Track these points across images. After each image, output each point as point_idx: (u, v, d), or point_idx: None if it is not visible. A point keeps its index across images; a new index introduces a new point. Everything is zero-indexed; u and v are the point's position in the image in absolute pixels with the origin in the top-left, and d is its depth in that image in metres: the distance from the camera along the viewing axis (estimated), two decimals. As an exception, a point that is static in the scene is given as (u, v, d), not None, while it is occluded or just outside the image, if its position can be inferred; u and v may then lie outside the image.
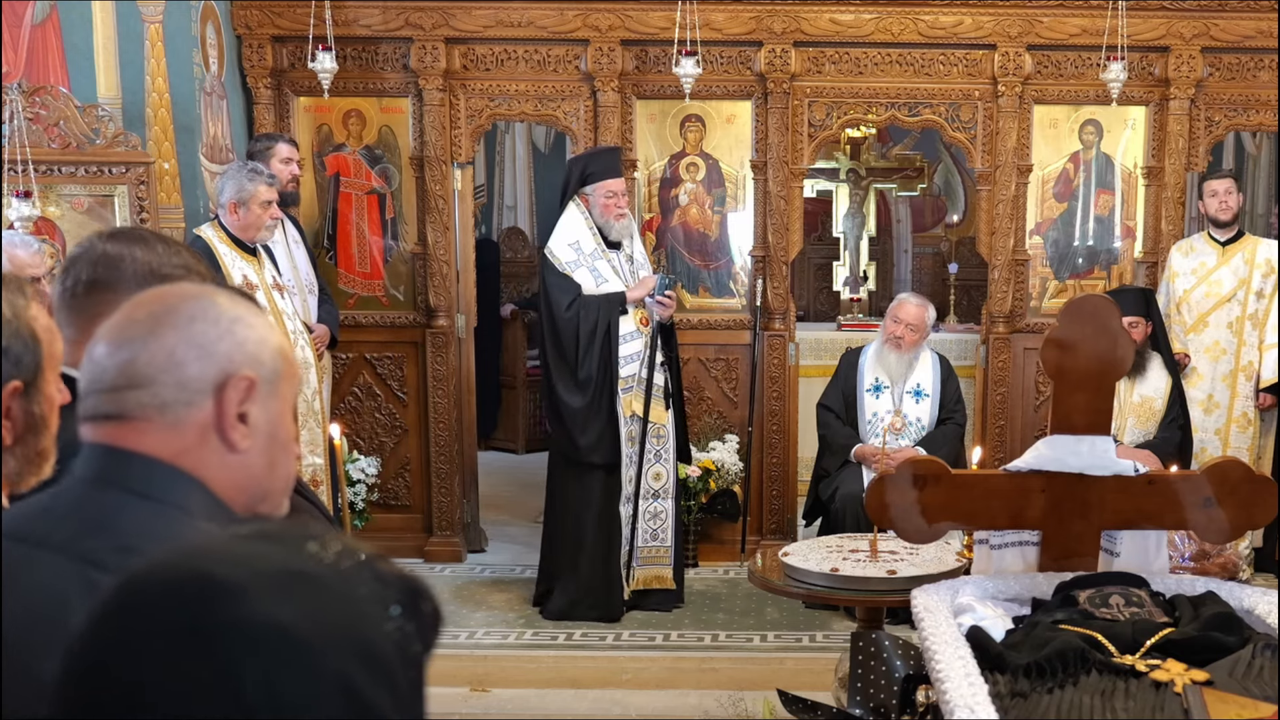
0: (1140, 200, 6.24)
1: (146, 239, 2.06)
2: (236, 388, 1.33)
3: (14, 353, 1.48)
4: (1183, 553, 3.76)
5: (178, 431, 1.31)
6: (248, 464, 1.35)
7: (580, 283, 5.30)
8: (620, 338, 5.28)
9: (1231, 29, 5.97)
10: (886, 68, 6.08)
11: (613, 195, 5.33)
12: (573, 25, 5.98)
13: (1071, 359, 2.99)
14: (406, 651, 0.96)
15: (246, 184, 4.73)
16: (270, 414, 1.37)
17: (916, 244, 10.14)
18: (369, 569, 0.98)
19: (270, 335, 1.39)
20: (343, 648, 0.91)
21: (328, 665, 0.90)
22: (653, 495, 5.41)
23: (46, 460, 1.55)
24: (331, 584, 0.95)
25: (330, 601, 0.94)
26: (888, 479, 3.02)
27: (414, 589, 1.00)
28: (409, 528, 6.29)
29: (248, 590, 0.90)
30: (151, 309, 1.35)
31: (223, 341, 1.33)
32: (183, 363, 1.31)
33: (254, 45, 5.99)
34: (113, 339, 1.34)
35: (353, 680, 0.90)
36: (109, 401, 1.32)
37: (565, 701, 4.63)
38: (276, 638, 0.89)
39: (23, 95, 4.60)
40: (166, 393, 1.31)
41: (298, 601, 0.91)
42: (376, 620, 0.95)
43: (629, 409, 5.30)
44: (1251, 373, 5.87)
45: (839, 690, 3.59)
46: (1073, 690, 2.35)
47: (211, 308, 1.35)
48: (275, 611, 0.90)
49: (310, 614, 0.91)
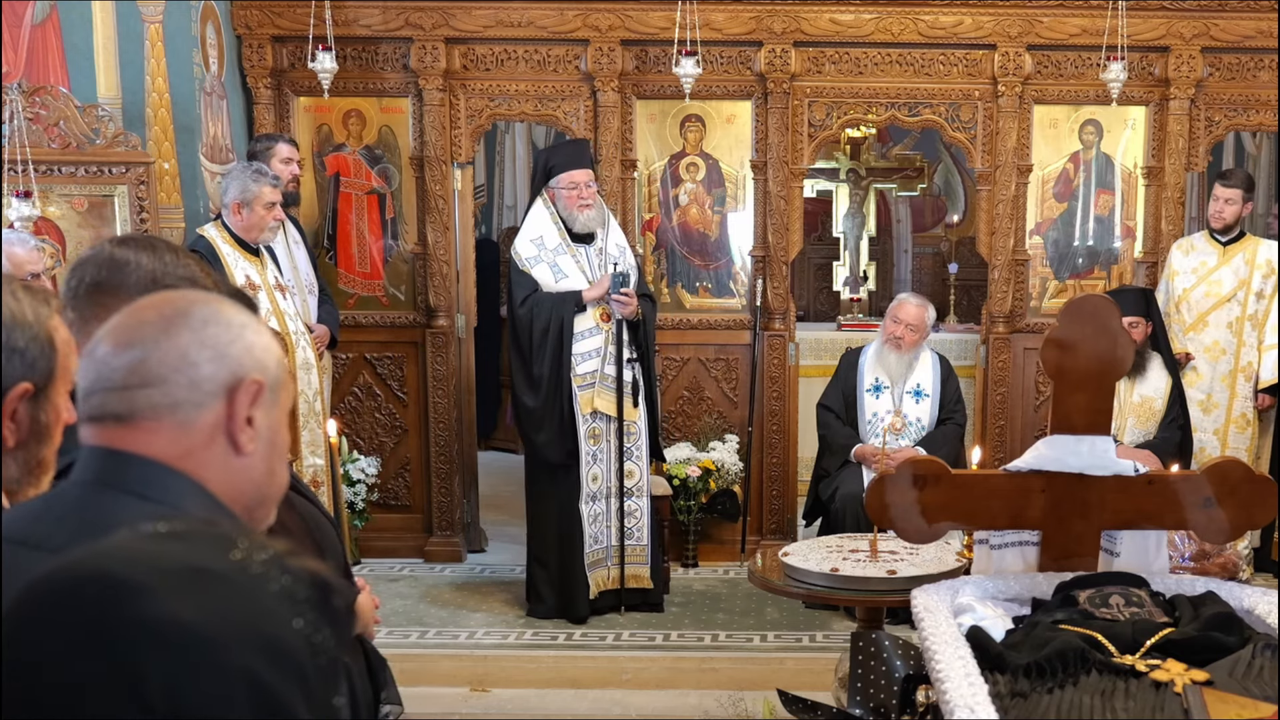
0: (1140, 200, 6.24)
1: (155, 246, 2.07)
2: (247, 390, 1.33)
3: (30, 355, 1.49)
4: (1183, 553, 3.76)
5: (186, 432, 1.31)
6: (250, 468, 1.36)
7: (539, 279, 5.25)
8: (578, 334, 5.23)
9: (1231, 29, 5.97)
10: (886, 68, 6.09)
11: (574, 186, 5.25)
12: (573, 25, 5.98)
13: (1071, 359, 2.99)
14: (317, 646, 0.96)
15: (251, 185, 4.74)
16: (272, 420, 1.38)
17: (916, 244, 10.14)
18: (277, 565, 0.99)
19: (274, 344, 1.40)
20: (248, 643, 0.91)
21: (232, 661, 0.90)
22: (625, 494, 5.37)
23: (46, 472, 1.55)
24: (237, 581, 0.95)
25: (235, 598, 0.94)
26: (888, 479, 3.02)
27: (324, 584, 1.00)
28: (409, 528, 6.29)
29: (149, 588, 0.91)
30: (162, 311, 1.35)
31: (234, 345, 1.34)
32: (196, 363, 1.31)
33: (254, 45, 5.99)
34: (119, 339, 1.33)
35: (259, 675, 0.91)
36: (117, 400, 1.31)
37: (565, 701, 4.63)
38: (178, 635, 0.89)
39: (23, 95, 4.60)
40: (179, 392, 1.31)
41: (201, 598, 0.92)
42: (284, 616, 0.95)
43: (589, 406, 5.24)
44: (1251, 373, 5.87)
45: (839, 690, 3.59)
46: (1073, 690, 2.35)
47: (221, 312, 1.36)
48: (177, 609, 0.90)
49: (214, 610, 0.91)
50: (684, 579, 5.94)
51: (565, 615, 5.33)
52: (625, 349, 5.25)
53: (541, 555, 5.42)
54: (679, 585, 5.81)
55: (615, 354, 5.25)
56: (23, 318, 1.49)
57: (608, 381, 5.25)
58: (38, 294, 1.54)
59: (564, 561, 5.33)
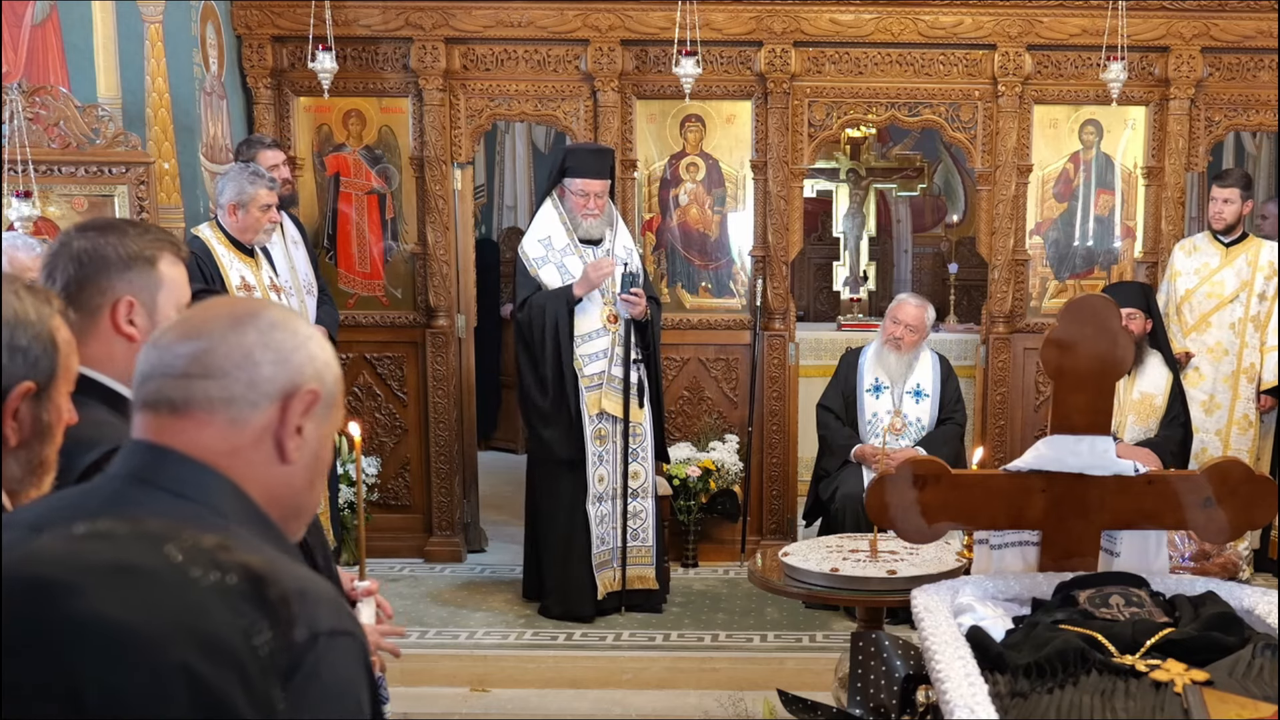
0: (1140, 200, 6.24)
1: (116, 225, 2.13)
2: (303, 399, 1.34)
3: (33, 354, 1.49)
4: (1183, 553, 3.76)
5: (236, 430, 1.32)
6: (291, 477, 1.36)
7: (546, 280, 5.25)
8: (585, 336, 5.23)
9: (1231, 29, 5.97)
10: (886, 68, 6.09)
11: (584, 196, 5.24)
12: (573, 25, 5.98)
13: (1071, 359, 2.99)
14: (253, 638, 0.96)
15: (247, 187, 4.74)
16: (320, 434, 1.38)
17: (916, 244, 10.14)
18: (208, 559, 0.98)
19: (335, 361, 1.41)
20: (180, 640, 0.91)
21: (166, 658, 0.89)
22: (630, 494, 5.37)
23: (48, 472, 1.56)
24: (166, 577, 0.95)
25: (166, 594, 0.93)
26: (888, 479, 3.02)
27: (257, 576, 1.00)
28: (409, 528, 6.29)
29: (78, 588, 0.90)
30: (233, 309, 1.37)
31: (298, 352, 1.35)
32: (259, 363, 1.32)
33: (254, 45, 5.99)
34: (186, 328, 1.35)
35: (195, 670, 0.90)
36: (174, 387, 1.31)
37: (565, 701, 4.63)
38: (110, 633, 0.89)
39: (23, 95, 4.60)
40: (236, 388, 1.31)
41: (130, 595, 0.91)
42: (217, 610, 0.95)
43: (595, 407, 5.25)
44: (1253, 374, 5.87)
45: (839, 690, 3.59)
46: (1073, 690, 2.35)
47: (290, 321, 1.37)
48: (106, 607, 0.90)
49: (144, 607, 0.91)
50: (684, 579, 5.94)
51: (570, 616, 5.33)
52: (632, 350, 5.26)
53: (544, 555, 5.42)
54: (679, 585, 5.81)
55: (622, 355, 5.26)
56: (25, 317, 1.50)
57: (614, 382, 5.27)
58: (40, 294, 1.55)
59: (567, 562, 5.33)
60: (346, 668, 1.07)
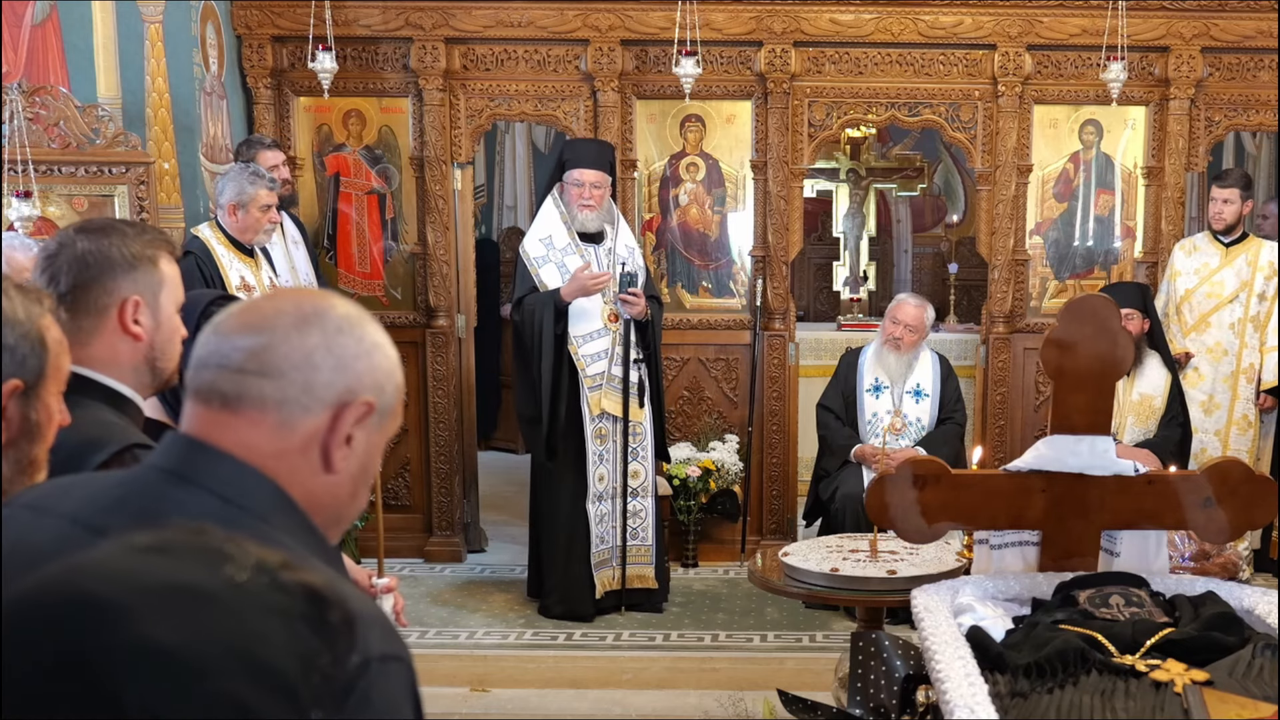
0: (1140, 200, 6.24)
1: (115, 226, 2.13)
2: (356, 410, 1.30)
3: (20, 352, 1.49)
4: (1183, 553, 3.76)
5: (285, 432, 1.28)
6: (336, 486, 1.32)
7: (546, 279, 5.26)
8: (586, 335, 5.23)
9: (1231, 29, 5.97)
10: (886, 68, 6.09)
11: (580, 185, 5.24)
12: (573, 25, 5.98)
13: (1071, 359, 2.99)
14: (312, 664, 0.92)
15: (247, 187, 4.73)
16: (371, 445, 1.35)
17: (916, 244, 10.14)
18: (271, 580, 0.94)
19: (399, 371, 1.37)
20: (230, 667, 0.87)
21: (212, 686, 0.86)
22: (630, 494, 5.37)
23: (39, 471, 1.55)
24: (223, 598, 0.91)
25: (221, 617, 0.90)
26: (888, 479, 3.02)
27: (320, 598, 0.96)
28: (409, 528, 6.29)
29: (127, 610, 0.87)
30: (300, 305, 1.32)
31: (360, 360, 1.31)
32: (318, 367, 1.28)
33: (254, 45, 5.99)
34: (250, 321, 1.31)
35: (243, 699, 0.87)
36: (229, 380, 1.28)
37: (565, 701, 4.62)
38: (157, 659, 0.85)
39: (23, 95, 4.59)
40: (291, 390, 1.27)
41: (183, 620, 0.88)
42: (277, 635, 0.91)
43: (597, 407, 5.26)
44: (1253, 375, 5.87)
45: (839, 690, 3.59)
46: (1073, 690, 2.35)
47: (359, 326, 1.33)
48: (156, 631, 0.86)
49: (196, 632, 0.87)
50: (684, 579, 5.94)
51: (570, 615, 5.33)
52: (632, 350, 5.26)
53: (546, 555, 5.42)
54: (679, 585, 5.81)
55: (622, 354, 5.26)
56: (13, 316, 1.49)
57: (614, 382, 5.27)
58: (30, 293, 1.54)
59: (568, 561, 5.34)
60: (397, 693, 1.03)
